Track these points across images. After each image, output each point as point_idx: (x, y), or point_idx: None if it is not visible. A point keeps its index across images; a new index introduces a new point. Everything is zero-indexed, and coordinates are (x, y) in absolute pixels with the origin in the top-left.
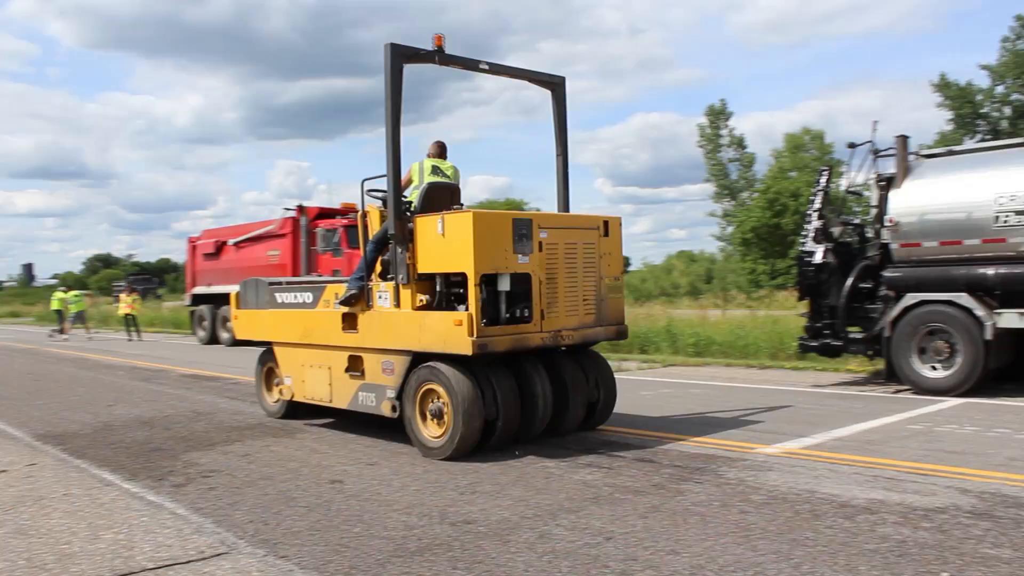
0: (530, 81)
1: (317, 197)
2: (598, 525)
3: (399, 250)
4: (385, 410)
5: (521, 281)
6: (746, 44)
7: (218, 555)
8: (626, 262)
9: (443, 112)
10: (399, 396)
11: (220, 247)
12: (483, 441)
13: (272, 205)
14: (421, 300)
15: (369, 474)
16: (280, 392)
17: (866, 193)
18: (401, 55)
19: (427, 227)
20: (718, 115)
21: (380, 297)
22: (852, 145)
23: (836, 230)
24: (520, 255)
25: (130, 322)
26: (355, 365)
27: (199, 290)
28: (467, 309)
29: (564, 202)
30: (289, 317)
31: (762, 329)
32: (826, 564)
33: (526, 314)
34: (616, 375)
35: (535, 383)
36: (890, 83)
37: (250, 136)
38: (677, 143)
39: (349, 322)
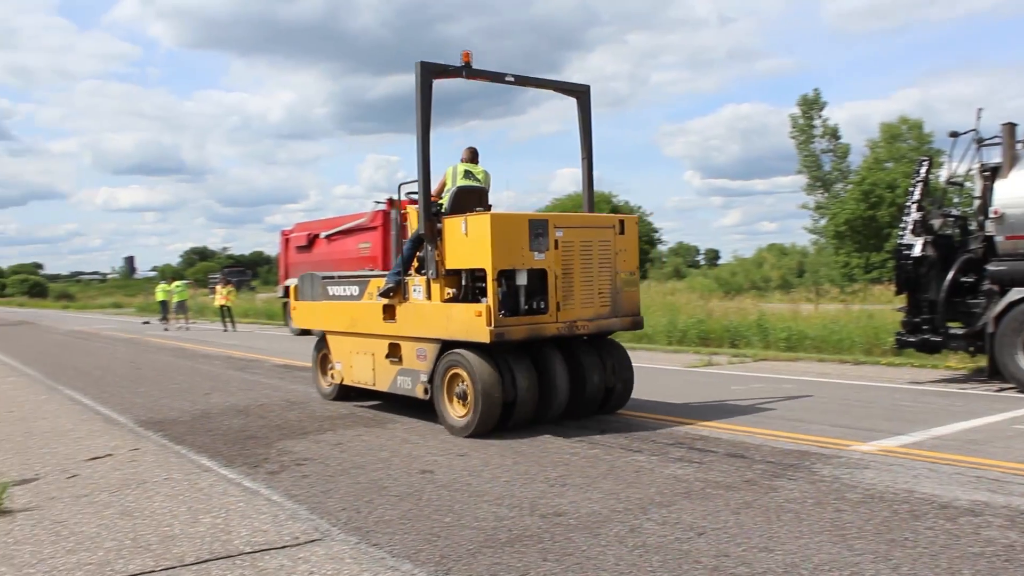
0: (556, 90)
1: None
2: (689, 520)
3: (429, 248)
4: (419, 392)
5: (538, 276)
6: (841, 31)
7: (312, 541)
8: (716, 255)
9: (531, 105)
10: (430, 380)
11: (312, 240)
12: (503, 421)
13: (362, 199)
14: (448, 293)
15: (459, 464)
16: (332, 376)
17: (968, 184)
18: (431, 71)
19: (453, 227)
20: (811, 105)
21: (415, 290)
22: (954, 134)
23: (936, 222)
24: (536, 252)
25: (225, 313)
26: (394, 352)
27: (292, 282)
28: (487, 302)
29: (589, 203)
30: (339, 308)
31: (856, 324)
32: (927, 567)
33: (542, 306)
34: (706, 369)
35: (553, 369)
36: (993, 69)
37: (340, 131)
38: (768, 134)
39: (389, 313)
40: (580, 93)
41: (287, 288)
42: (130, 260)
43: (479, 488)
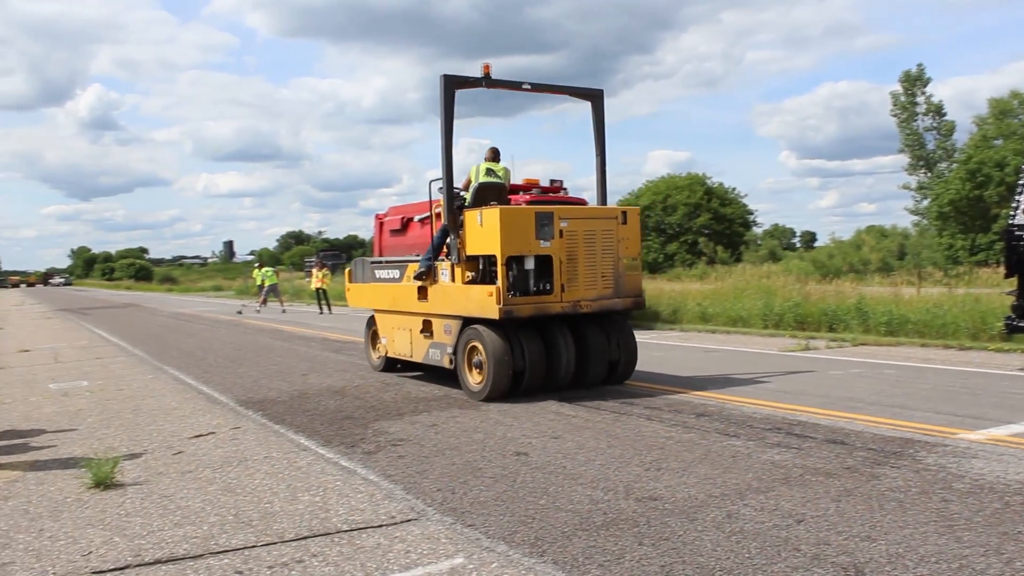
0: (571, 95)
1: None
2: (788, 507)
3: (453, 237)
4: (445, 363)
5: (544, 261)
6: (947, 2)
7: (408, 521)
8: (813, 237)
9: (623, 87)
10: (454, 352)
11: (406, 223)
12: (515, 388)
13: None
14: (468, 276)
15: (553, 447)
16: (380, 349)
17: None
18: (453, 83)
19: (472, 219)
20: (914, 81)
21: (443, 274)
22: None
23: None
24: (542, 240)
25: (321, 296)
26: (426, 328)
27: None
28: (497, 284)
29: (601, 196)
30: (384, 289)
31: (961, 308)
32: None
33: (548, 288)
34: (803, 354)
35: (559, 344)
36: None
37: (432, 115)
38: (867, 113)
39: (422, 294)
40: (594, 96)
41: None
42: (229, 244)
43: (574, 471)
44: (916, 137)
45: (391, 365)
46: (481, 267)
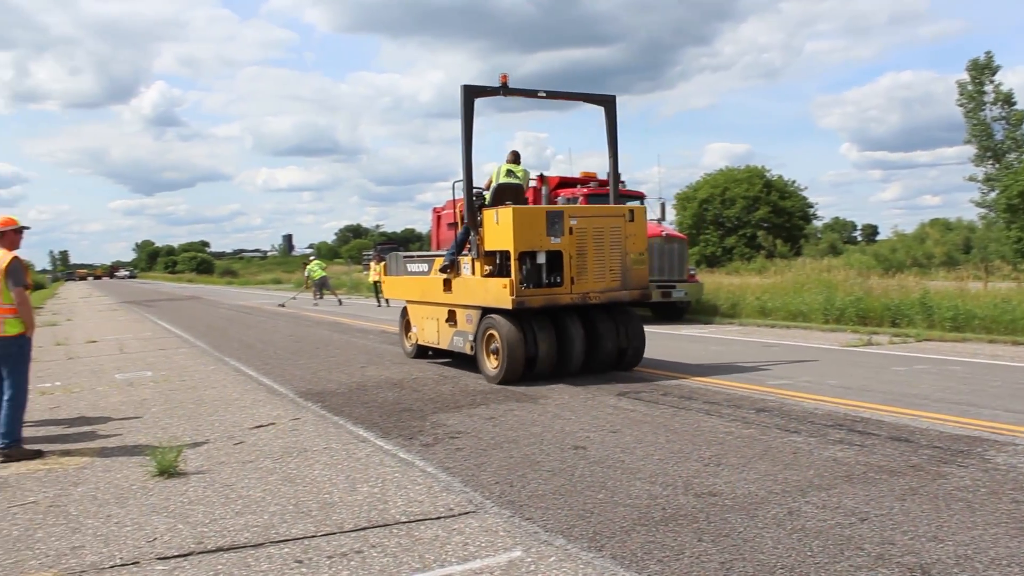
0: (584, 101)
1: (556, 167)
2: (851, 505)
3: (472, 234)
4: (466, 349)
5: (555, 256)
6: None
7: (466, 513)
8: (874, 230)
9: (681, 79)
10: (474, 339)
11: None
12: (527, 372)
13: None
14: (487, 269)
15: (612, 441)
16: (412, 337)
17: None
18: (472, 92)
19: (489, 217)
20: (982, 70)
21: (465, 267)
22: None
23: None
24: (553, 237)
25: (379, 289)
26: (451, 317)
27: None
28: (511, 277)
29: (614, 195)
30: (414, 282)
31: None
32: None
33: (558, 280)
34: (865, 349)
35: (571, 332)
36: None
37: (489, 109)
38: (932, 103)
39: (447, 286)
40: (607, 101)
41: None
42: (288, 238)
43: (632, 465)
44: (984, 127)
45: (422, 352)
46: (498, 261)
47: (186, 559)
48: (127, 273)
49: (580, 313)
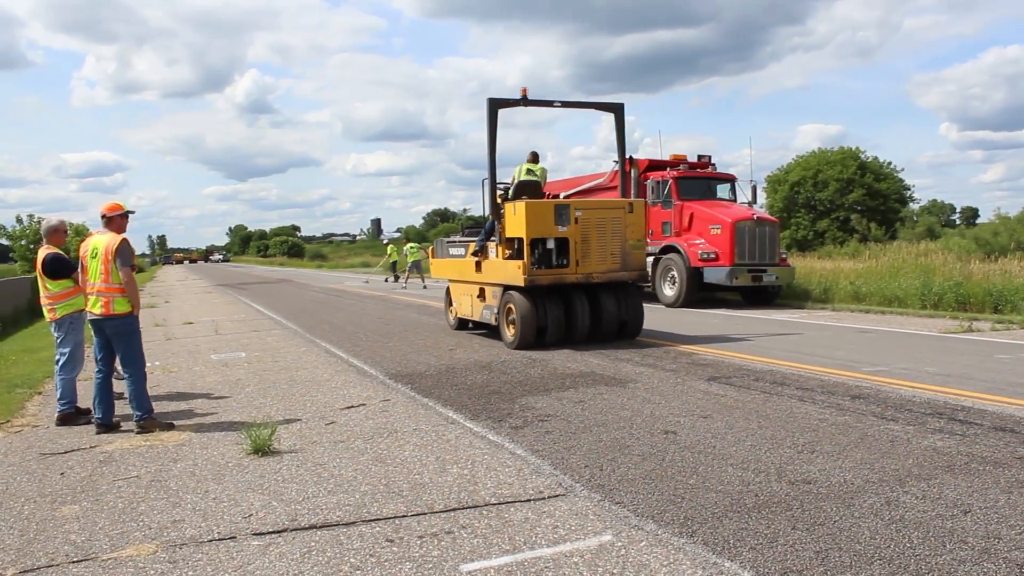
0: (595, 108)
1: (643, 150)
2: (952, 496)
3: (496, 223)
4: (492, 320)
5: (563, 242)
6: None
7: (555, 496)
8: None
9: (772, 59)
10: (498, 312)
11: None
12: (539, 341)
13: (599, 159)
14: (507, 253)
15: (703, 426)
16: (453, 312)
17: None
18: (496, 104)
19: (509, 210)
20: None
21: (491, 251)
22: None
23: None
24: (560, 226)
25: None
26: (481, 294)
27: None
28: (524, 259)
29: (623, 190)
30: (454, 263)
31: None
32: None
33: (565, 263)
34: (966, 336)
35: (577, 307)
36: None
37: (577, 92)
38: None
39: (478, 267)
40: (616, 109)
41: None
42: (377, 222)
43: (724, 451)
44: None
45: (463, 325)
46: (516, 247)
47: (280, 535)
48: (220, 257)
49: (586, 291)
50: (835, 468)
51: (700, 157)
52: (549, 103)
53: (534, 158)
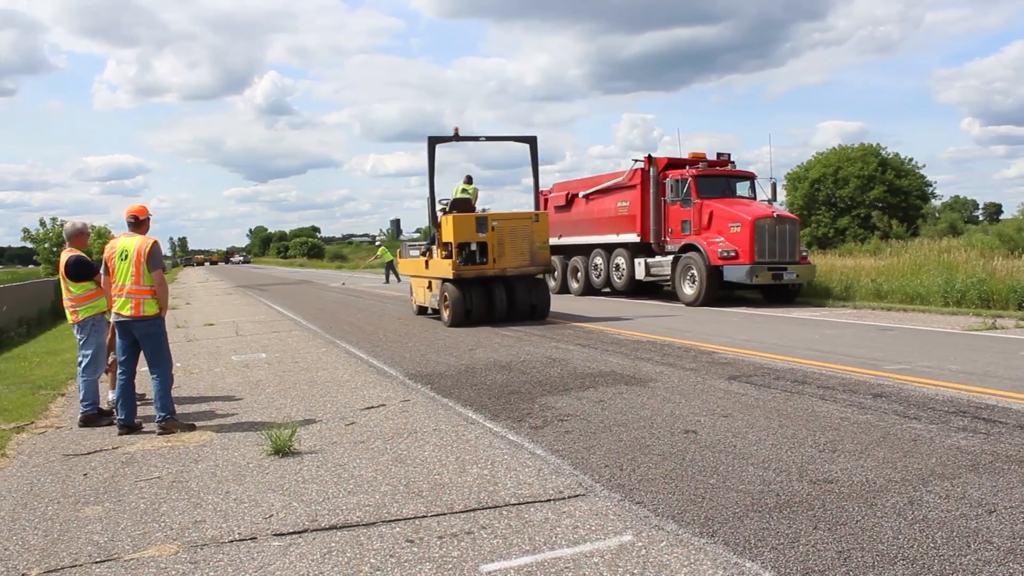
0: (513, 141)
1: (662, 148)
2: (977, 496)
3: (435, 232)
4: (435, 305)
5: (482, 245)
6: None
7: (575, 496)
8: (998, 209)
9: (791, 56)
10: (438, 299)
11: (571, 199)
12: (467, 320)
13: (617, 158)
14: (443, 254)
15: (723, 426)
16: (414, 301)
17: None
18: (433, 140)
19: (444, 221)
20: None
21: (434, 253)
22: None
23: None
24: (481, 232)
25: None
26: (430, 285)
27: (550, 241)
28: (453, 258)
29: (536, 204)
30: (413, 262)
31: None
32: None
33: (485, 260)
34: (989, 333)
35: (495, 294)
36: None
37: (595, 91)
38: None
39: (427, 265)
40: (531, 140)
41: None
42: (396, 223)
43: (744, 450)
44: None
45: (423, 311)
46: (449, 249)
47: (301, 536)
48: (241, 258)
49: (503, 281)
50: (857, 467)
51: (719, 155)
52: (476, 138)
53: (468, 180)
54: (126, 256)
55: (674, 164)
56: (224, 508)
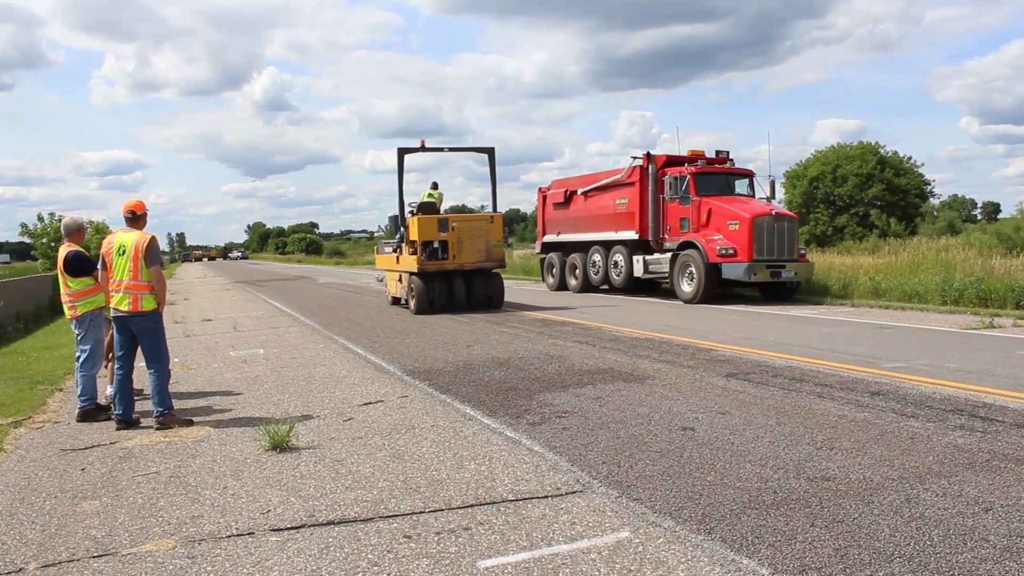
0: (474, 151)
1: (661, 145)
2: (973, 494)
3: (403, 231)
4: (404, 295)
5: (444, 243)
6: None
7: (573, 492)
8: (996, 208)
9: (791, 54)
10: (406, 290)
11: (570, 196)
12: (430, 308)
13: (616, 155)
14: (410, 251)
15: (721, 423)
16: (388, 292)
17: None
18: (402, 151)
19: (412, 222)
20: None
21: (402, 249)
22: None
23: None
24: (442, 232)
25: None
26: (400, 278)
27: (549, 238)
28: (418, 254)
29: (493, 206)
30: (387, 258)
31: None
32: None
33: (446, 256)
34: (987, 332)
35: (456, 286)
36: None
37: (594, 88)
38: None
39: (398, 260)
40: (489, 151)
41: (544, 244)
42: (394, 219)
43: (742, 447)
44: None
45: (396, 302)
46: (414, 246)
47: (298, 531)
48: (239, 254)
49: (462, 275)
50: (854, 465)
51: (718, 152)
52: (440, 149)
53: (435, 186)
54: (124, 251)
55: (673, 161)
56: (222, 503)
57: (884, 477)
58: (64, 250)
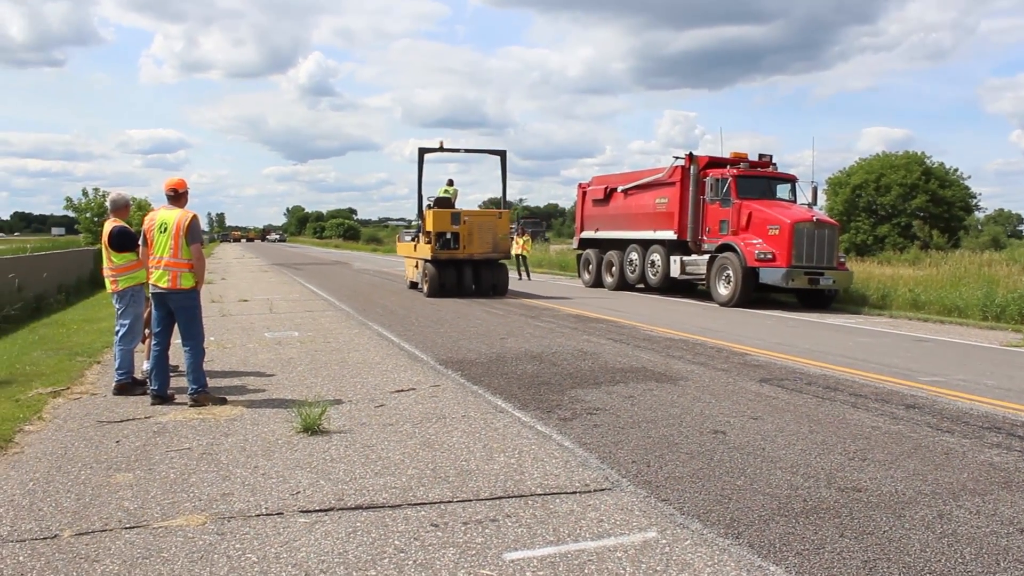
0: (487, 153)
1: (703, 146)
2: (1008, 513)
3: (421, 223)
4: (419, 280)
5: (456, 235)
6: None
7: (601, 490)
8: (1019, 220)
9: (839, 59)
10: (421, 275)
11: (609, 194)
12: (441, 292)
13: (658, 154)
14: (426, 240)
15: (752, 428)
16: (407, 277)
17: None
18: (423, 151)
19: (428, 214)
20: None
21: (419, 239)
22: None
23: None
24: (455, 224)
25: (521, 262)
26: (417, 265)
27: (586, 235)
28: (432, 244)
29: (503, 204)
30: (406, 246)
31: None
32: None
33: (457, 247)
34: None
35: (465, 273)
36: None
37: (638, 86)
38: None
39: (415, 248)
40: (501, 153)
41: (582, 240)
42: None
43: (773, 454)
44: None
45: (414, 286)
46: (429, 237)
47: (327, 514)
48: (277, 237)
49: (471, 264)
50: (887, 477)
51: (761, 156)
52: (457, 149)
53: (450, 183)
54: (165, 229)
55: (715, 163)
56: (252, 482)
57: (917, 491)
58: (110, 225)
